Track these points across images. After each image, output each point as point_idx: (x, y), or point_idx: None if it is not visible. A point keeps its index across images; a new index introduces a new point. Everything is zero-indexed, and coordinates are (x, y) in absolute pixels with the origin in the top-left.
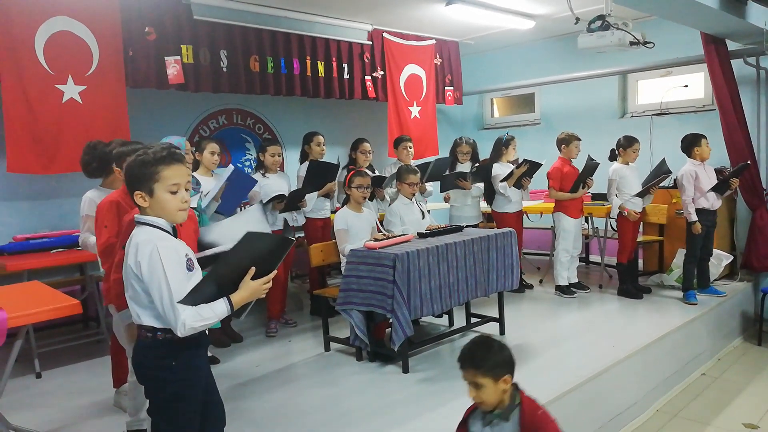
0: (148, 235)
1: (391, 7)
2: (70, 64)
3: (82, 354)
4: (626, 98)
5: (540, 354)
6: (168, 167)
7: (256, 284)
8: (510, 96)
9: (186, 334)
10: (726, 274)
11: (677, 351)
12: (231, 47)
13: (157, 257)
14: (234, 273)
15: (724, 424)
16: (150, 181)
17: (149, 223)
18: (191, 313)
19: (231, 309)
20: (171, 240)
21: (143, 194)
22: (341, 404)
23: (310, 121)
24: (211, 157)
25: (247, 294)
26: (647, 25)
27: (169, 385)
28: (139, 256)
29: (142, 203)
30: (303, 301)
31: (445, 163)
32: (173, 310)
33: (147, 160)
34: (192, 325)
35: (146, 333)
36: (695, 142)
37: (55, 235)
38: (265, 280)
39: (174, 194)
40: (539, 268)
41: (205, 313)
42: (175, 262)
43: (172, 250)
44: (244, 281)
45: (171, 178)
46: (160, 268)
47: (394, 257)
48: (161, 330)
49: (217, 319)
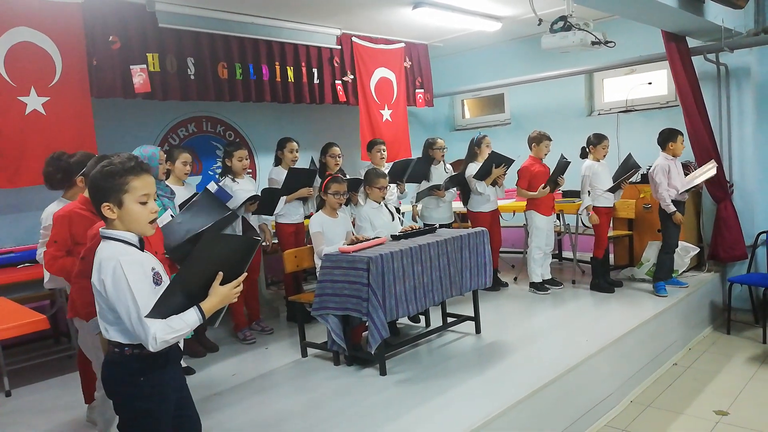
0: (111, 251)
1: (358, 11)
2: (32, 75)
3: (53, 370)
4: (593, 96)
5: (515, 350)
6: (137, 178)
7: (225, 289)
8: (480, 97)
9: (158, 348)
10: (693, 265)
11: (649, 342)
12: (198, 54)
13: (121, 273)
14: (201, 279)
15: (696, 412)
16: (119, 192)
17: (114, 237)
18: (161, 326)
19: (203, 317)
20: (136, 254)
21: (111, 206)
22: (320, 410)
23: (281, 126)
24: (183, 167)
25: (218, 300)
26: (609, 24)
27: (139, 401)
28: (102, 273)
29: (110, 215)
30: (279, 307)
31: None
32: (142, 325)
33: (115, 170)
34: (163, 338)
35: (114, 348)
36: (671, 137)
37: (21, 249)
38: (235, 284)
39: (144, 205)
40: (514, 266)
41: (176, 324)
42: (140, 275)
43: (136, 264)
44: (213, 287)
45: (141, 189)
46: (125, 283)
47: (367, 260)
48: (128, 345)
49: (190, 329)
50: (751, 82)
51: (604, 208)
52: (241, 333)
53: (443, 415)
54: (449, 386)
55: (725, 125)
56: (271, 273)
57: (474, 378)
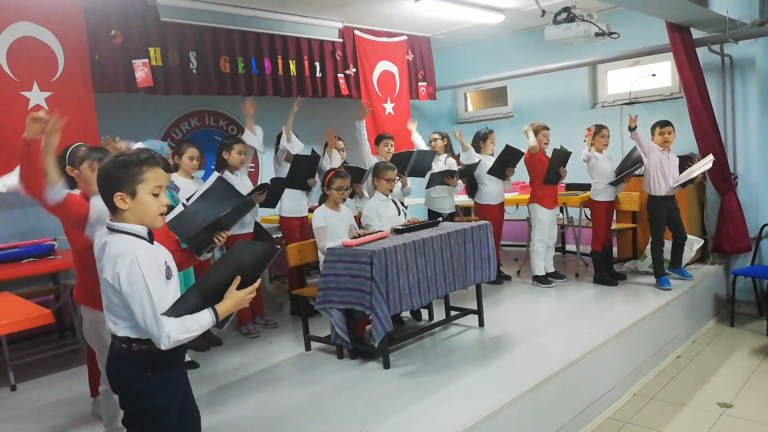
0: (125, 246)
1: (360, 3)
2: (34, 70)
3: (57, 364)
4: (596, 89)
5: (519, 343)
6: (152, 169)
7: (241, 294)
8: (483, 90)
9: (170, 346)
10: (698, 258)
11: (653, 335)
12: (200, 48)
13: (137, 269)
14: (220, 283)
15: (699, 405)
16: (133, 182)
17: (125, 231)
18: (176, 325)
19: (216, 319)
20: (149, 248)
21: (124, 195)
22: (323, 403)
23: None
24: (190, 162)
25: (233, 304)
26: (613, 16)
27: (145, 397)
28: (118, 268)
29: (122, 205)
30: (282, 301)
31: (429, 156)
32: (156, 322)
33: (129, 161)
34: (177, 337)
35: (121, 344)
36: (653, 128)
37: (26, 244)
38: (250, 290)
39: (156, 197)
40: (517, 260)
41: (190, 324)
42: (155, 272)
43: (151, 259)
44: (230, 291)
45: (154, 180)
46: (141, 280)
47: (371, 254)
48: (136, 341)
49: (202, 330)
50: (755, 73)
51: (605, 203)
52: (244, 327)
53: (447, 407)
54: (453, 379)
55: (729, 117)
56: (274, 267)
57: (477, 371)
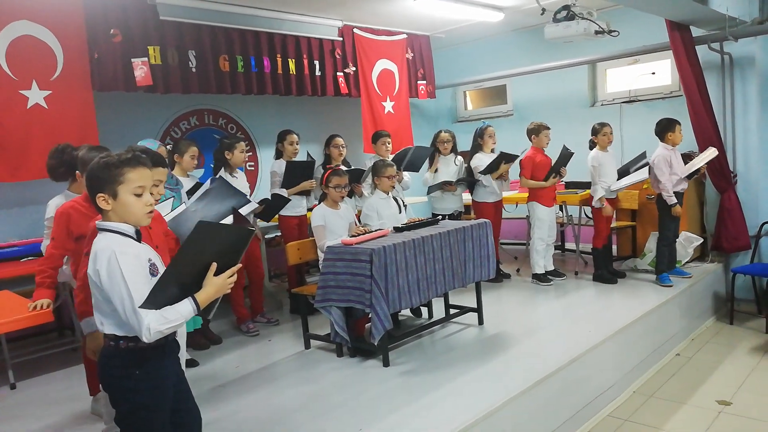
0: (107, 242)
1: (360, 2)
2: (33, 68)
3: (57, 363)
4: (596, 87)
5: (518, 341)
6: (133, 170)
7: (219, 280)
8: (482, 88)
9: (152, 339)
10: (697, 256)
11: (652, 333)
12: (199, 47)
13: (116, 264)
14: (194, 270)
15: (698, 402)
16: (114, 184)
17: (110, 229)
18: (155, 317)
19: (197, 308)
20: (132, 245)
21: (106, 197)
22: (323, 401)
23: (283, 119)
24: (192, 161)
25: (213, 291)
26: (613, 14)
27: (134, 395)
28: (98, 264)
29: (104, 206)
30: (282, 300)
31: (424, 151)
32: (136, 315)
33: (111, 162)
34: (157, 328)
35: (109, 341)
36: (669, 127)
37: (25, 243)
38: (228, 274)
39: (138, 197)
40: (516, 258)
41: (170, 315)
42: (135, 267)
43: (131, 255)
44: (208, 278)
45: (136, 181)
46: (119, 274)
47: (370, 252)
48: (123, 338)
49: (184, 320)
50: (755, 71)
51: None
52: (244, 325)
53: (446, 405)
54: (452, 377)
55: (729, 115)
56: (274, 266)
57: (477, 369)
